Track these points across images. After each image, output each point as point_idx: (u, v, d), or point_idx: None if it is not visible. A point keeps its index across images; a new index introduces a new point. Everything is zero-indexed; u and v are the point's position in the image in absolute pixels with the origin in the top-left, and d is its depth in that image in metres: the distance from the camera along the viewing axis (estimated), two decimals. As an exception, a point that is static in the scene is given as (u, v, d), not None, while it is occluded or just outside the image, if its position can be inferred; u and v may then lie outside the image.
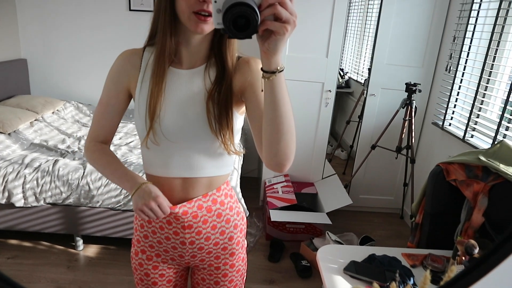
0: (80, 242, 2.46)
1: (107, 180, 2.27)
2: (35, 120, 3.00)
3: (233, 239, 1.10)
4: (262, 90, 0.82)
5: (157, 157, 0.99)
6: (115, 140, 2.83)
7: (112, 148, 2.56)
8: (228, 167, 1.05)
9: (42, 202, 2.29)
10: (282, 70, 0.75)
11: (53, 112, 3.24)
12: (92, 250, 2.48)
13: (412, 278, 1.37)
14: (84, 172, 2.28)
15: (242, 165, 2.82)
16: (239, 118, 0.99)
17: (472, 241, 1.28)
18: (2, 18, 3.26)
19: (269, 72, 0.75)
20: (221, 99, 0.94)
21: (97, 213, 2.33)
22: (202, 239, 1.05)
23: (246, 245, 1.16)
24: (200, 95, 0.95)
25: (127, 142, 2.81)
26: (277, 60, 0.73)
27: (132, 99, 1.02)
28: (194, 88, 0.95)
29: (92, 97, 3.65)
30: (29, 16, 3.44)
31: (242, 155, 2.89)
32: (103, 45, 3.49)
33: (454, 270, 0.77)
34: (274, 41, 0.69)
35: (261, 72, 0.76)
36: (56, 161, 2.34)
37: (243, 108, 0.98)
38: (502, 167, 1.50)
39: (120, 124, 3.00)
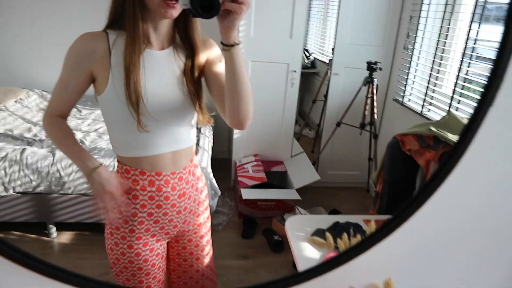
0: (53, 229, 2.46)
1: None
2: (-3, 109, 2.93)
3: (203, 191, 1.23)
4: (220, 61, 1.01)
5: (145, 138, 1.03)
6: (84, 127, 2.81)
7: (80, 135, 2.56)
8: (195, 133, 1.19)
9: (11, 191, 2.27)
10: (239, 44, 0.90)
11: (16, 101, 3.16)
12: (66, 237, 2.49)
13: (359, 235, 1.48)
14: (53, 160, 2.28)
15: (212, 147, 2.87)
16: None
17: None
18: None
19: (228, 45, 0.89)
20: (196, 77, 1.05)
21: (69, 199, 2.34)
22: (191, 201, 1.16)
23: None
24: (177, 74, 1.04)
25: (95, 129, 2.79)
26: (234, 35, 0.88)
27: (93, 84, 1.03)
28: (171, 68, 1.03)
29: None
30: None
31: (212, 138, 2.94)
32: (64, 31, 3.37)
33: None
34: (232, 19, 0.83)
35: (217, 49, 0.91)
36: (23, 150, 2.32)
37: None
38: (450, 136, 1.63)
39: (87, 111, 2.98)
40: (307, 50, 4.13)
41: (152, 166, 1.06)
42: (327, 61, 3.75)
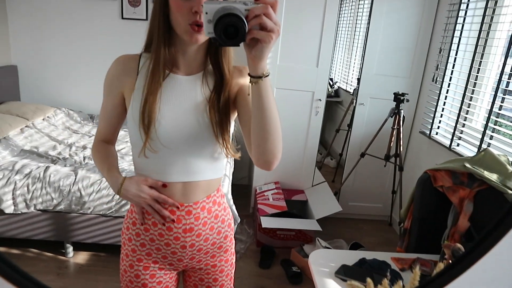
0: (70, 249, 2.44)
1: (99, 186, 2.27)
2: (25, 126, 2.98)
3: (227, 237, 1.14)
4: (248, 94, 0.90)
5: (155, 164, 1.00)
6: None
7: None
8: (223, 169, 1.10)
9: (32, 209, 2.28)
10: (268, 75, 0.83)
11: (43, 119, 3.23)
12: (82, 257, 2.47)
13: (401, 281, 1.40)
14: (75, 179, 2.28)
15: (233, 173, 2.84)
16: (232, 123, 1.04)
17: (459, 245, 1.32)
18: (-7, 25, 3.26)
19: (256, 77, 0.82)
20: (222, 107, 0.99)
21: (88, 219, 2.33)
22: (201, 240, 1.07)
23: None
24: (200, 102, 0.98)
25: (118, 150, 2.81)
26: (263, 66, 0.80)
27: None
28: (193, 95, 0.98)
29: (83, 104, 3.64)
30: (20, 23, 3.44)
31: (233, 163, 2.92)
32: (95, 53, 3.50)
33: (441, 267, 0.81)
34: (260, 49, 0.76)
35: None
36: (47, 168, 2.34)
37: (235, 113, 1.03)
38: (486, 173, 1.55)
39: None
40: (331, 79, 4.14)
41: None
42: (351, 91, 3.73)
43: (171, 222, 1.02)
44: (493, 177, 1.53)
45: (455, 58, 2.61)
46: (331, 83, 4.13)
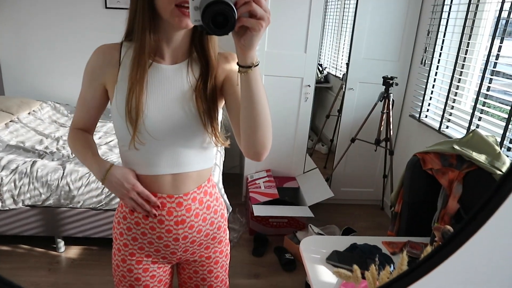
0: (61, 243, 2.42)
1: (88, 180, 2.24)
2: (10, 121, 2.93)
3: (221, 228, 1.12)
4: (237, 84, 0.86)
5: (143, 156, 0.97)
6: (95, 139, 2.79)
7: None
8: (213, 159, 1.07)
9: (20, 205, 2.24)
10: (257, 65, 0.79)
11: (29, 113, 3.17)
12: (74, 252, 2.45)
13: (392, 265, 1.41)
14: (63, 173, 2.25)
15: (224, 162, 2.82)
16: (220, 111, 1.01)
17: (448, 227, 1.32)
18: (-27, 18, 3.17)
19: (245, 67, 0.78)
20: (209, 95, 0.95)
21: (78, 213, 2.30)
22: (194, 232, 1.05)
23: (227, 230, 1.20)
24: (186, 91, 0.95)
25: (106, 142, 2.77)
26: (252, 55, 0.77)
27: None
28: (179, 85, 0.95)
29: (69, 97, 3.58)
30: (1, 15, 3.35)
31: (223, 152, 2.90)
32: (79, 44, 3.43)
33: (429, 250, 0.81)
34: (250, 37, 0.73)
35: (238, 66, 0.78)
36: (34, 162, 2.30)
37: (223, 101, 1.00)
38: (475, 155, 1.55)
39: (99, 124, 2.96)
40: (320, 65, 4.11)
41: (149, 186, 0.99)
42: (341, 76, 3.71)
43: (153, 216, 1.00)
44: (482, 158, 1.53)
45: (443, 40, 2.60)
46: (320, 69, 4.10)
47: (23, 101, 3.21)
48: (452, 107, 2.48)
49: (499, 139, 1.76)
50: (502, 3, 1.98)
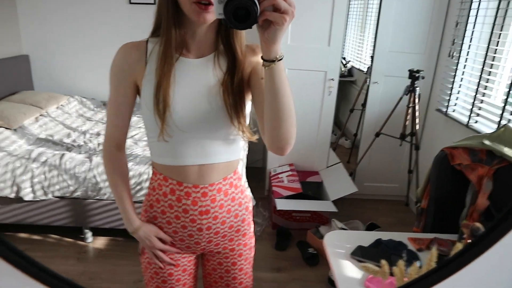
0: (89, 234, 2.49)
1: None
2: (40, 115, 3.02)
3: (245, 221, 1.13)
4: (262, 78, 0.86)
5: (170, 148, 0.99)
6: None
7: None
8: (240, 151, 1.08)
9: (50, 196, 2.31)
10: (282, 59, 0.79)
11: (57, 107, 3.26)
12: (101, 242, 2.52)
13: (418, 262, 1.39)
14: (90, 165, 2.30)
15: (247, 155, 2.83)
16: (248, 103, 1.01)
17: (478, 224, 1.29)
18: (2, 15, 3.27)
19: (269, 61, 0.78)
20: (236, 89, 0.96)
21: (104, 205, 2.36)
22: (218, 223, 1.06)
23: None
24: (213, 85, 0.96)
25: (131, 135, 2.82)
26: (276, 49, 0.77)
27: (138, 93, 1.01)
28: (205, 78, 0.96)
29: (95, 91, 3.66)
30: (29, 12, 3.44)
31: (247, 146, 2.91)
32: (104, 39, 3.49)
33: (460, 248, 0.79)
34: (273, 31, 0.73)
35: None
36: (62, 155, 2.37)
37: (250, 94, 1.00)
38: (506, 150, 1.50)
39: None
40: (344, 58, 4.06)
41: (177, 176, 1.01)
42: (365, 70, 3.65)
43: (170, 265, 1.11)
44: (514, 153, 1.48)
45: (473, 32, 2.51)
46: (344, 62, 4.05)
47: (51, 95, 3.30)
48: (482, 101, 2.41)
49: (532, 134, 1.69)
50: (537, -8, 1.90)
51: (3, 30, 3.28)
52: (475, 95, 2.39)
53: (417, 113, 2.79)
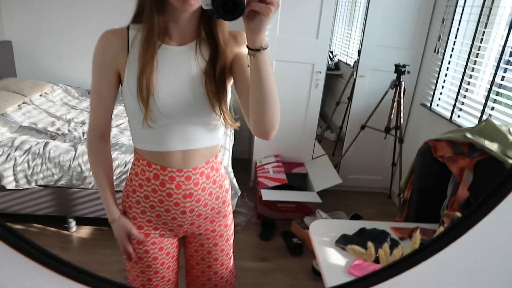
0: (73, 223, 2.47)
1: (99, 161, 2.28)
2: (23, 103, 2.96)
3: (225, 202, 1.17)
4: (248, 66, 0.88)
5: (154, 134, 1.00)
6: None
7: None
8: (221, 136, 1.11)
9: (33, 184, 2.28)
10: (266, 48, 0.81)
11: (41, 95, 3.20)
12: (85, 231, 2.50)
13: (401, 246, 1.42)
14: (75, 154, 2.28)
15: (233, 146, 2.84)
16: (229, 91, 1.03)
17: (458, 213, 1.33)
18: (-15, -1, 3.18)
19: (254, 50, 0.80)
20: (218, 77, 0.97)
21: (89, 194, 2.34)
22: (201, 205, 1.09)
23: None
24: (196, 73, 0.97)
25: (117, 124, 2.80)
26: (261, 39, 0.79)
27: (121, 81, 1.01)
28: (188, 66, 0.97)
29: (81, 79, 3.60)
30: (13, -3, 3.35)
31: (233, 137, 2.91)
32: (91, 27, 3.43)
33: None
34: (259, 21, 0.75)
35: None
36: (46, 143, 2.33)
37: (231, 80, 1.02)
38: (487, 143, 1.55)
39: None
40: (331, 52, 4.07)
41: (160, 161, 1.03)
42: (352, 63, 3.68)
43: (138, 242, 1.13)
44: (494, 146, 1.53)
45: (458, 29, 2.56)
46: (331, 56, 4.07)
47: (34, 83, 3.23)
48: (465, 96, 2.46)
49: None
50: (520, -10, 1.95)
51: (-15, 14, 3.19)
52: (459, 91, 2.45)
53: (402, 107, 2.83)
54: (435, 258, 0.52)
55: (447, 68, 2.68)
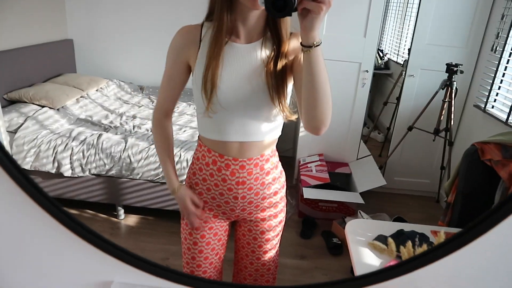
0: (121, 211, 2.60)
1: (147, 154, 2.39)
2: (80, 97, 3.16)
3: (277, 194, 1.23)
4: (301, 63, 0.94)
5: (214, 124, 1.09)
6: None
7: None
8: (279, 131, 1.17)
9: (87, 173, 2.44)
10: (319, 45, 0.86)
11: (97, 90, 3.40)
12: (132, 220, 2.63)
13: (426, 245, 1.37)
14: (126, 146, 2.41)
15: (277, 144, 2.86)
16: (289, 86, 1.09)
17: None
18: (50, 1, 3.43)
19: (307, 46, 0.85)
20: (278, 72, 1.04)
21: (137, 184, 2.47)
22: (252, 194, 1.16)
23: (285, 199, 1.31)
24: (258, 68, 1.04)
25: (178, 122, 2.92)
26: (314, 36, 0.84)
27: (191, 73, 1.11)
28: (251, 61, 1.04)
29: (133, 76, 3.78)
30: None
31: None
32: (144, 25, 3.59)
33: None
34: (311, 19, 0.80)
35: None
36: (100, 135, 2.49)
37: (292, 80, 1.08)
38: (541, 147, 1.45)
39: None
40: (381, 51, 3.97)
41: (219, 149, 1.11)
42: (402, 62, 3.57)
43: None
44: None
45: (519, 25, 2.41)
46: (381, 55, 3.96)
47: (92, 78, 3.45)
48: (523, 98, 2.31)
49: None
50: None
51: (51, 15, 3.44)
52: (516, 91, 2.30)
53: (453, 108, 2.71)
54: (453, 256, 0.51)
55: (505, 68, 2.52)
